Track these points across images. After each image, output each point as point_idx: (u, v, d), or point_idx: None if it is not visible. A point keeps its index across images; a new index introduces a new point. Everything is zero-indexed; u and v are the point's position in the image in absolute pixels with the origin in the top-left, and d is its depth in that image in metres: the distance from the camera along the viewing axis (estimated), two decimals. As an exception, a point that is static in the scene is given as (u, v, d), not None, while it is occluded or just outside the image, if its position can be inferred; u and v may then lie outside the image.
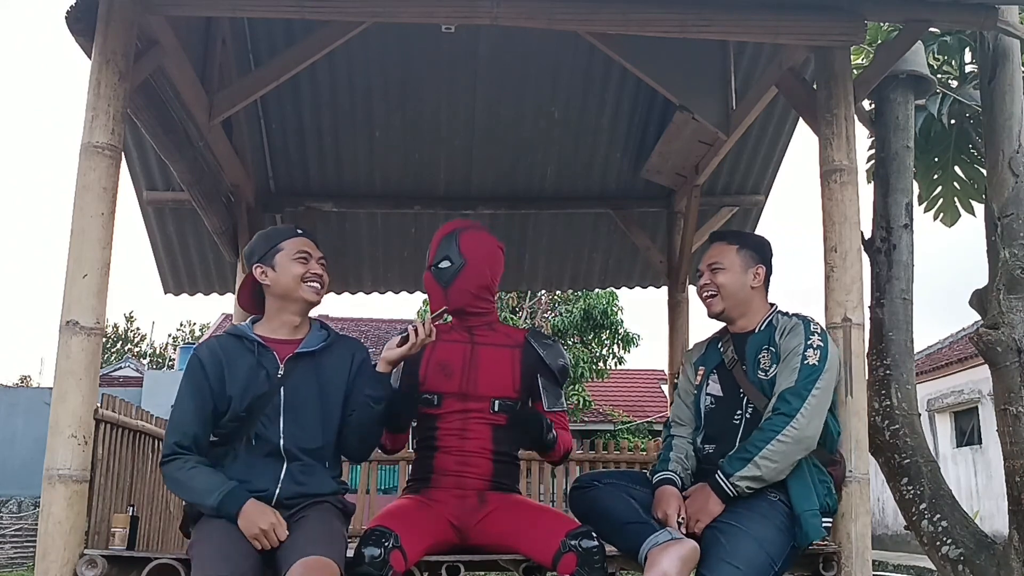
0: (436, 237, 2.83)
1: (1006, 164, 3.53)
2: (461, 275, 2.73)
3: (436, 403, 2.71)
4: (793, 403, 2.43)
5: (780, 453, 2.40)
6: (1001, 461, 3.43)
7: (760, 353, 2.61)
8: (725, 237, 2.80)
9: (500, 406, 2.71)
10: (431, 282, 2.78)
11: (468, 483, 2.66)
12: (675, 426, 2.77)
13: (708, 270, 2.71)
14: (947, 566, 3.54)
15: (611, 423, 18.22)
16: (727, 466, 2.45)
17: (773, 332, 2.62)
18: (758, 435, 2.43)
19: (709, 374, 2.72)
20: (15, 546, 13.18)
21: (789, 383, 2.46)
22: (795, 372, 2.48)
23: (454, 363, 2.72)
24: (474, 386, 2.71)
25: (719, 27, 2.91)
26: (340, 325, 20.29)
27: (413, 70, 4.35)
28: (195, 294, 5.61)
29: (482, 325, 2.80)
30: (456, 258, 2.74)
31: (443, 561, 2.50)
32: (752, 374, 2.60)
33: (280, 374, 2.45)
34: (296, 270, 2.50)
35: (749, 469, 2.41)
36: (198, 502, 2.33)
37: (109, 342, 33.35)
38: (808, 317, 2.64)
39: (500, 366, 2.75)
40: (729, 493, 2.43)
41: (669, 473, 2.60)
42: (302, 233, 2.59)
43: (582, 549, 2.36)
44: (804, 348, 2.51)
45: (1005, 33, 3.30)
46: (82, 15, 2.71)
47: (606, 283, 6.13)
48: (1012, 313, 3.38)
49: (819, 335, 2.55)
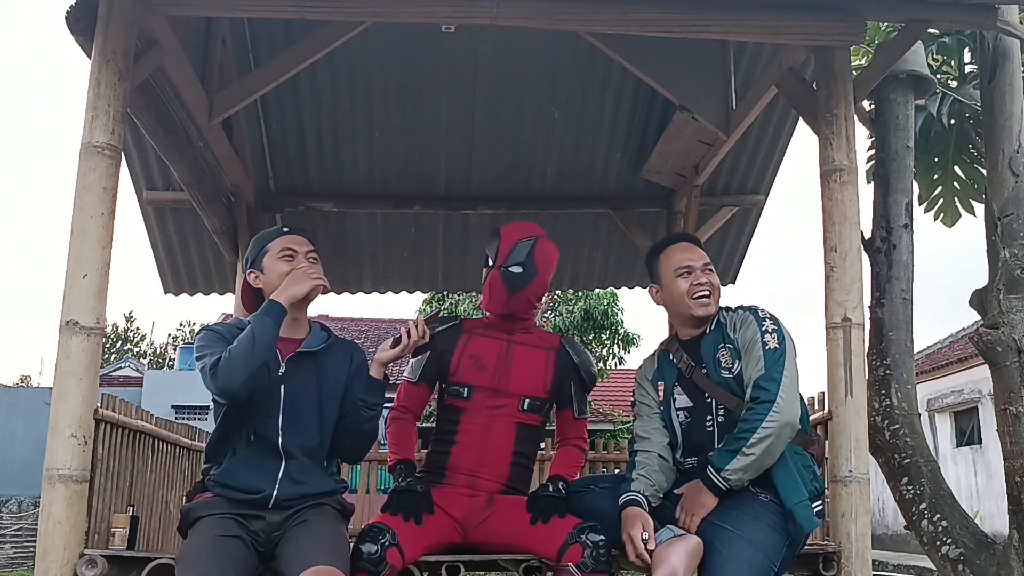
0: (510, 237, 2.78)
1: (1006, 164, 3.54)
2: (531, 285, 2.73)
3: (465, 395, 2.72)
4: (770, 388, 2.41)
5: (768, 440, 2.37)
6: (1001, 461, 3.43)
7: (718, 352, 2.57)
8: (691, 238, 2.78)
9: (529, 405, 2.73)
10: (498, 283, 2.74)
11: (481, 484, 2.67)
12: (640, 440, 2.70)
13: (703, 270, 2.64)
14: (947, 566, 3.54)
15: (611, 423, 18.22)
16: (717, 461, 2.43)
17: (724, 328, 2.59)
18: (743, 426, 2.40)
19: (671, 388, 2.67)
20: (15, 546, 13.20)
21: (759, 371, 2.44)
22: (760, 360, 2.45)
23: (488, 358, 2.74)
24: (506, 382, 2.72)
25: (719, 27, 2.91)
26: (340, 325, 20.32)
27: (413, 70, 4.35)
28: (195, 294, 5.61)
29: (521, 328, 2.82)
30: (530, 267, 2.73)
31: (443, 561, 2.50)
32: (715, 375, 2.56)
33: (281, 372, 2.45)
34: (281, 268, 2.50)
35: (739, 461, 2.39)
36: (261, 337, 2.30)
37: (109, 342, 33.35)
38: (753, 306, 2.61)
39: (534, 366, 2.76)
40: (722, 487, 2.42)
41: (633, 494, 2.53)
42: (288, 231, 2.59)
43: (590, 542, 2.38)
44: (761, 335, 2.49)
45: (1005, 33, 3.31)
46: (82, 15, 2.71)
47: (606, 283, 6.13)
48: (1012, 313, 3.38)
49: (770, 320, 2.54)
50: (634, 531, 2.39)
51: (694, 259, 2.65)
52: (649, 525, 2.41)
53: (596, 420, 18.06)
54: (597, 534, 2.41)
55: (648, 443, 2.65)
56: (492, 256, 2.79)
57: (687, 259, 2.65)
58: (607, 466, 6.48)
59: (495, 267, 2.76)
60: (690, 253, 2.67)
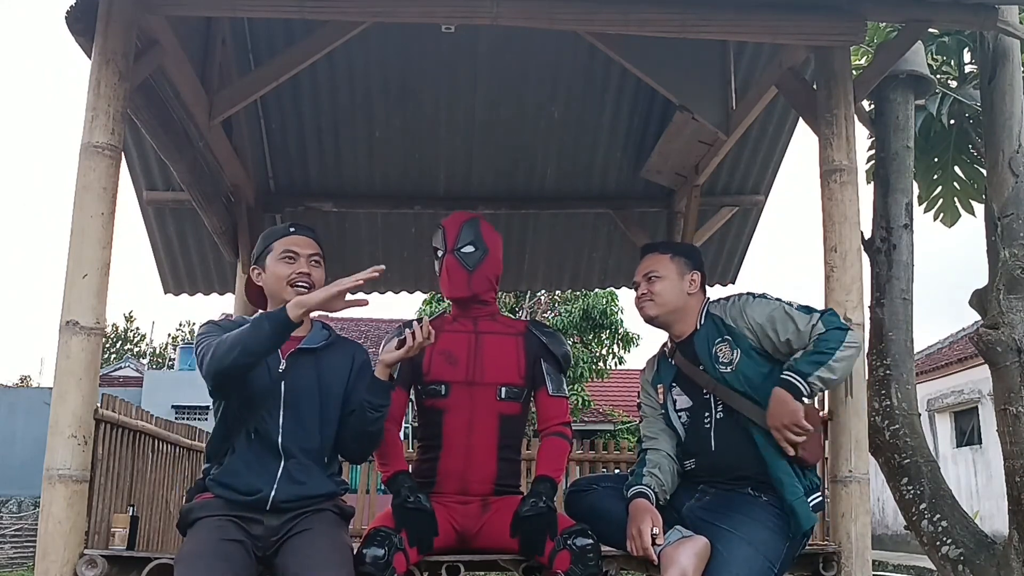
0: (453, 222, 2.82)
1: (1006, 164, 3.54)
2: (485, 262, 2.77)
3: (444, 392, 2.71)
4: (835, 320, 2.49)
5: (851, 357, 2.46)
6: (1001, 461, 3.43)
7: (714, 347, 2.59)
8: (657, 247, 2.83)
9: (507, 392, 2.72)
10: (455, 266, 2.76)
11: (472, 488, 2.67)
12: (648, 440, 2.72)
13: (644, 279, 2.72)
14: (947, 566, 3.54)
15: (611, 423, 18.23)
16: (802, 367, 2.42)
17: (719, 322, 2.62)
18: (824, 344, 2.43)
19: (670, 389, 2.71)
20: (15, 546, 13.20)
21: (810, 322, 2.48)
22: (798, 315, 2.51)
23: (459, 352, 2.74)
24: (480, 373, 2.72)
25: (719, 27, 2.91)
26: (340, 325, 20.30)
27: (413, 70, 4.35)
28: (195, 294, 5.60)
29: (486, 316, 2.82)
30: (481, 245, 2.77)
31: (443, 561, 2.50)
32: (713, 371, 2.58)
33: (281, 368, 2.44)
34: (282, 271, 2.47)
35: (825, 371, 2.41)
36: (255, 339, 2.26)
37: (109, 342, 33.35)
38: (739, 292, 2.67)
39: (505, 353, 2.76)
40: (804, 391, 2.40)
41: (642, 487, 2.55)
42: (294, 231, 2.55)
43: (576, 547, 2.37)
44: (778, 303, 2.56)
45: (1005, 33, 3.30)
46: (82, 15, 2.71)
47: (606, 283, 6.13)
48: (1012, 313, 3.38)
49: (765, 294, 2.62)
50: (644, 526, 2.40)
51: (639, 270, 2.78)
52: (659, 521, 2.43)
53: (596, 420, 18.08)
54: (585, 538, 2.40)
55: (657, 443, 2.69)
56: (440, 245, 2.82)
57: (639, 270, 2.79)
58: (607, 466, 6.49)
59: (448, 252, 2.78)
60: (641, 264, 2.79)
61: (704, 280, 2.77)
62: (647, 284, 2.72)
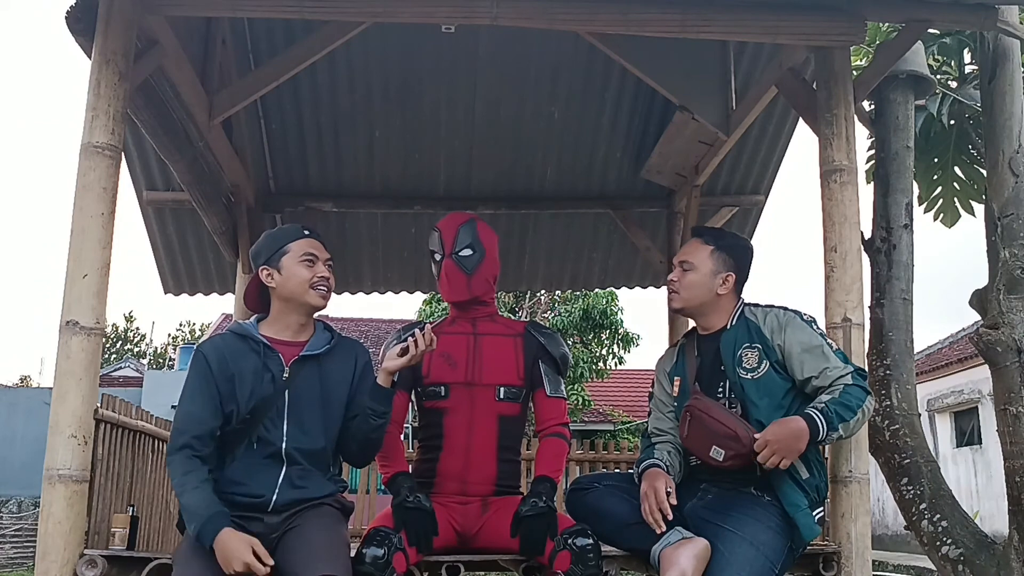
0: (449, 225, 2.82)
1: (1006, 164, 3.53)
2: (483, 264, 2.77)
3: (443, 394, 2.71)
4: (863, 380, 2.46)
5: (859, 423, 2.45)
6: (1001, 461, 3.43)
7: (740, 351, 2.55)
8: (703, 234, 2.74)
9: (506, 393, 2.73)
10: (454, 269, 2.76)
11: (472, 488, 2.67)
12: (655, 435, 2.71)
13: (678, 266, 2.67)
14: (947, 566, 3.54)
15: (611, 423, 18.22)
16: (834, 418, 2.36)
17: (753, 328, 2.57)
18: (849, 401, 2.39)
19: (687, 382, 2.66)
20: (15, 546, 13.19)
21: (842, 366, 2.45)
22: (832, 357, 2.47)
23: (458, 353, 2.74)
24: (479, 374, 2.72)
25: (719, 27, 2.91)
26: (340, 325, 20.28)
27: (413, 70, 4.35)
28: (195, 294, 5.61)
29: (485, 317, 2.83)
30: (478, 247, 2.77)
31: (443, 561, 2.50)
32: (733, 374, 2.54)
33: (285, 376, 2.43)
34: (303, 274, 2.47)
35: (842, 429, 2.38)
36: (184, 516, 2.29)
37: (109, 342, 33.34)
38: (792, 309, 2.60)
39: (504, 354, 2.77)
40: (819, 437, 2.35)
41: (655, 459, 2.55)
42: (309, 234, 2.54)
43: (577, 547, 2.37)
44: (822, 338, 2.52)
45: (1005, 33, 3.30)
46: (82, 15, 2.71)
47: (606, 283, 6.13)
48: (1012, 313, 3.38)
49: (815, 322, 2.58)
50: (658, 484, 2.41)
51: (680, 253, 2.74)
52: (672, 485, 2.43)
53: (596, 420, 18.07)
54: (585, 538, 2.40)
55: (664, 437, 2.69)
56: (438, 249, 2.81)
57: (680, 252, 2.75)
58: (607, 466, 6.50)
59: (445, 256, 2.78)
60: (684, 247, 2.75)
61: (741, 281, 2.68)
62: (679, 271, 2.67)
